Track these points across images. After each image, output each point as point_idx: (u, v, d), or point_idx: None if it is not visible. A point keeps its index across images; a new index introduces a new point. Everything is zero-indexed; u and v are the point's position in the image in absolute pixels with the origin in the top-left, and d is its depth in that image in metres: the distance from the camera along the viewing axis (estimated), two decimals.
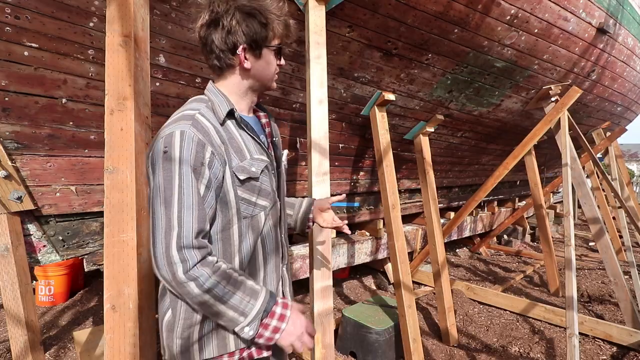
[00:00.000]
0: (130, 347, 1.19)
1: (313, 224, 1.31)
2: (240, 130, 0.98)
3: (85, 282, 3.97)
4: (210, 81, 1.04)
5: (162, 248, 0.83)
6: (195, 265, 0.83)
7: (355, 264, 3.62)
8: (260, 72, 1.01)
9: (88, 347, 2.34)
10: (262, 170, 0.98)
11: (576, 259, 5.16)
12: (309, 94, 1.88)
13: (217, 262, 0.87)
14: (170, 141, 0.85)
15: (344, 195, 1.35)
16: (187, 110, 0.94)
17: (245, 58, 0.97)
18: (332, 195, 1.62)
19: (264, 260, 1.02)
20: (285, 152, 1.22)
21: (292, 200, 1.32)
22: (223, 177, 0.91)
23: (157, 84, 1.90)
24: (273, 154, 1.09)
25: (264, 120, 1.13)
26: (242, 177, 0.93)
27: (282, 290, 1.09)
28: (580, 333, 2.87)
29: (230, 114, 0.97)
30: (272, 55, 1.01)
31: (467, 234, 5.13)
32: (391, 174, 2.66)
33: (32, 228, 1.87)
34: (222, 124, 0.95)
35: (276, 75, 1.06)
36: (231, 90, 1.01)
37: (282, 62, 1.06)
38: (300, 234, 1.35)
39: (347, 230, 1.32)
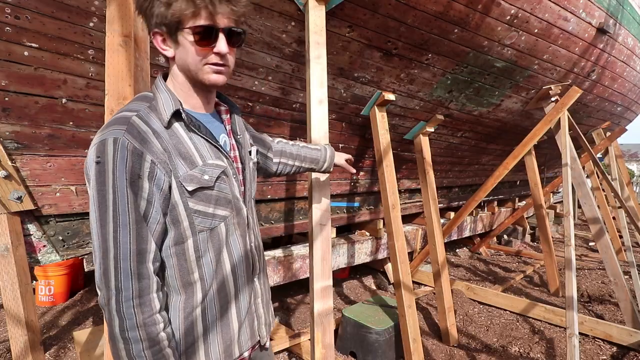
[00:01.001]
0: None
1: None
2: (190, 133, 0.86)
3: (85, 282, 3.97)
4: (160, 74, 0.91)
5: (100, 270, 0.75)
6: (130, 299, 0.75)
7: (355, 264, 3.62)
8: (182, 61, 0.85)
9: (88, 347, 2.34)
10: (218, 177, 0.88)
11: (576, 259, 5.16)
12: (309, 94, 1.88)
13: (156, 311, 0.78)
14: (103, 150, 0.75)
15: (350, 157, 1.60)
16: (124, 111, 0.82)
17: (166, 45, 0.85)
18: (332, 195, 1.67)
19: (233, 274, 0.93)
20: (254, 149, 1.11)
21: (312, 150, 1.44)
22: (169, 188, 0.81)
23: None
24: (238, 154, 0.99)
25: (225, 116, 1.01)
26: (190, 188, 0.83)
27: (254, 303, 1.00)
28: (580, 333, 2.87)
29: (177, 115, 0.85)
30: (190, 42, 0.81)
31: (467, 234, 5.13)
32: (391, 174, 2.66)
33: (32, 228, 1.87)
34: (168, 126, 0.83)
35: (211, 66, 0.84)
36: (176, 85, 0.89)
37: (220, 47, 0.82)
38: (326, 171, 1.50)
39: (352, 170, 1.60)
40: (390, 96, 2.63)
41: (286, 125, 2.58)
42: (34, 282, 3.48)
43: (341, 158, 1.56)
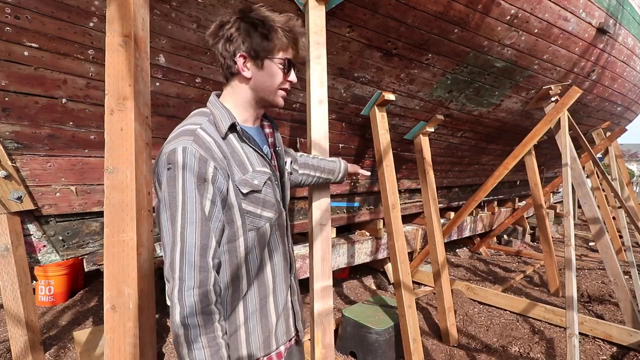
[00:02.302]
0: (130, 347, 1.19)
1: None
2: (242, 143, 0.99)
3: (85, 282, 3.98)
4: (213, 93, 1.05)
5: (168, 262, 0.85)
6: (191, 288, 0.83)
7: (355, 264, 3.62)
8: (261, 84, 1.00)
9: (88, 347, 2.34)
10: (265, 182, 0.99)
11: (576, 259, 5.16)
12: (309, 94, 1.87)
13: (213, 303, 0.86)
14: (174, 158, 0.86)
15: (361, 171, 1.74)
16: (188, 125, 0.94)
17: (245, 67, 0.98)
18: (332, 195, 1.71)
19: (272, 271, 1.04)
20: (289, 160, 1.25)
21: (329, 162, 1.56)
22: (227, 190, 0.92)
23: (157, 84, 1.90)
24: (276, 163, 1.11)
25: (267, 130, 1.14)
26: (245, 191, 0.94)
27: (291, 300, 1.11)
28: (580, 333, 2.87)
29: (232, 128, 0.98)
30: (277, 68, 1.00)
31: (467, 234, 5.12)
32: (391, 174, 2.66)
33: (32, 228, 1.87)
34: (225, 137, 0.95)
35: (282, 91, 1.04)
36: (235, 101, 1.02)
37: (292, 77, 1.04)
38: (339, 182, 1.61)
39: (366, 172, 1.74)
40: (390, 96, 2.63)
41: (286, 125, 2.58)
42: (34, 282, 3.48)
43: (354, 167, 1.71)
